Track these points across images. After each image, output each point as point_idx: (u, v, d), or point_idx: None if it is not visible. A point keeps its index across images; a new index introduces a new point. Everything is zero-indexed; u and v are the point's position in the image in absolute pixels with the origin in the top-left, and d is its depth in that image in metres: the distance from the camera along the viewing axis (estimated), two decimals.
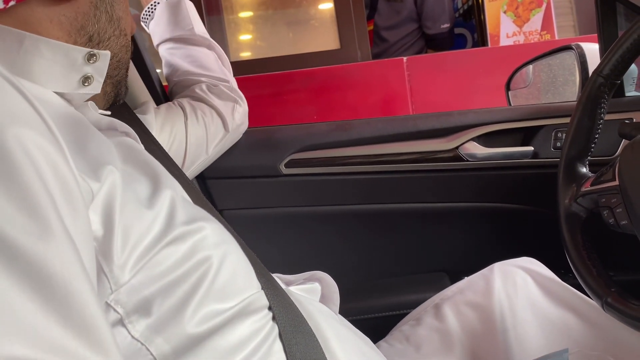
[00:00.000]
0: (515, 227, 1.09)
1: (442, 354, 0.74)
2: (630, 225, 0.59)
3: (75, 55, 0.50)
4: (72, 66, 0.50)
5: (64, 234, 0.29)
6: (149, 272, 0.39)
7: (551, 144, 1.01)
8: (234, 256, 0.46)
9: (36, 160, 0.29)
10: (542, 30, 2.56)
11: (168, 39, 0.99)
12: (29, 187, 0.28)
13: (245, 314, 0.44)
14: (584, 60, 1.13)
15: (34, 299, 0.25)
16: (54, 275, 0.26)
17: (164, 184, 0.45)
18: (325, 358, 0.47)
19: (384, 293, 1.05)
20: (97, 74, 0.52)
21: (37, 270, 0.26)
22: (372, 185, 1.09)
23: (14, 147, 0.28)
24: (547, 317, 0.74)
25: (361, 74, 2.39)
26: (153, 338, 0.38)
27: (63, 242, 0.28)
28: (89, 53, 0.51)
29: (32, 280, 0.25)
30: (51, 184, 0.30)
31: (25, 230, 0.26)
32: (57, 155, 0.32)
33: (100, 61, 0.52)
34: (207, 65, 0.97)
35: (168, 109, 0.88)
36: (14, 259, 0.25)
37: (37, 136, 0.30)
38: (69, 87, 0.50)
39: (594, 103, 0.71)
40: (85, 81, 0.51)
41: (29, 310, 0.24)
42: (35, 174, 0.29)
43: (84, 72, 0.51)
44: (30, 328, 0.24)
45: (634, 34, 0.65)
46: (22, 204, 0.27)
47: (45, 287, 0.26)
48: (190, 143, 0.89)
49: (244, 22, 2.98)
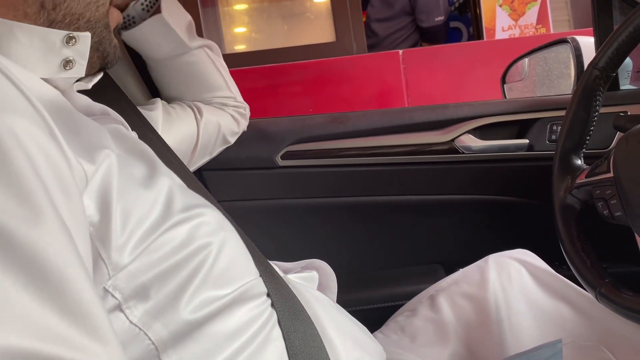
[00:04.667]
0: (510, 219, 1.09)
1: (437, 345, 0.75)
2: (625, 216, 0.60)
3: (53, 39, 0.48)
4: (51, 50, 0.48)
5: (57, 220, 0.28)
6: (147, 257, 0.39)
7: (546, 137, 1.01)
8: (233, 243, 0.46)
9: (27, 147, 0.29)
10: (537, 24, 2.56)
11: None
12: (21, 175, 0.27)
13: (242, 301, 0.44)
14: (579, 53, 1.14)
15: (28, 288, 0.24)
16: (48, 262, 0.26)
17: (161, 171, 0.45)
18: (323, 345, 0.47)
19: (379, 285, 1.06)
20: (79, 57, 0.50)
21: (31, 257, 0.25)
22: (368, 177, 1.09)
23: (4, 135, 0.28)
24: (541, 308, 0.75)
25: (357, 67, 2.38)
26: (151, 323, 0.38)
27: (56, 229, 0.28)
28: (67, 36, 0.49)
29: (26, 268, 0.25)
30: (43, 171, 0.30)
31: (18, 218, 0.26)
32: (48, 142, 0.31)
33: (80, 44, 0.50)
34: (215, 86, 0.94)
35: (182, 109, 0.87)
36: (7, 247, 0.25)
37: (28, 123, 0.30)
38: (50, 71, 0.49)
39: (590, 95, 0.71)
40: (67, 65, 0.49)
41: (24, 299, 0.24)
42: (26, 162, 0.28)
43: (63, 55, 0.49)
44: (25, 317, 0.24)
45: (629, 26, 0.66)
46: (14, 192, 0.26)
47: (40, 275, 0.25)
48: (200, 145, 0.88)
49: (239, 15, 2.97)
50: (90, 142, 0.40)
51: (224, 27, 2.85)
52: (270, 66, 2.41)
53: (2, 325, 0.23)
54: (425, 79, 2.36)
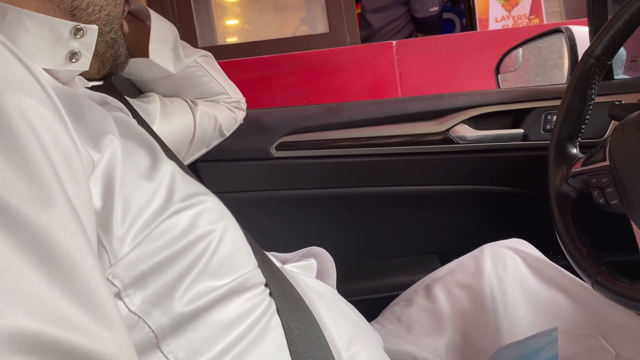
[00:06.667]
0: (505, 208, 1.10)
1: (433, 334, 0.75)
2: (621, 204, 0.60)
3: (61, 30, 0.48)
4: (58, 41, 0.48)
5: (67, 204, 0.28)
6: (148, 246, 0.38)
7: (541, 127, 1.02)
8: (233, 232, 0.46)
9: (37, 128, 0.28)
10: (530, 15, 2.56)
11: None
12: (31, 156, 0.27)
13: (240, 291, 0.43)
14: (573, 43, 1.14)
15: (38, 270, 0.24)
16: (58, 245, 0.25)
17: (163, 158, 0.44)
18: (323, 334, 0.47)
19: (375, 275, 1.06)
20: (85, 50, 0.50)
21: (42, 240, 0.25)
22: (363, 167, 1.09)
23: (15, 114, 0.27)
24: (536, 297, 0.75)
25: (350, 58, 2.37)
26: (150, 311, 0.38)
27: (66, 213, 0.27)
28: (75, 27, 0.49)
29: (36, 250, 0.24)
30: (53, 153, 0.29)
31: (29, 199, 0.25)
32: (58, 124, 0.31)
33: (87, 36, 0.50)
34: (211, 93, 0.93)
35: (178, 102, 0.86)
36: (18, 228, 0.24)
37: (38, 104, 0.29)
38: (56, 63, 0.48)
39: (585, 84, 0.71)
40: (73, 57, 0.49)
41: (33, 281, 0.24)
42: (36, 143, 0.27)
43: (70, 47, 0.49)
44: (35, 299, 0.23)
45: (625, 14, 0.65)
46: (24, 173, 0.26)
47: (50, 258, 0.25)
48: (197, 137, 0.87)
49: (232, 6, 2.95)
50: (95, 127, 0.39)
51: (216, 19, 2.83)
52: (263, 57, 2.40)
53: (11, 305, 0.22)
54: (419, 70, 2.36)
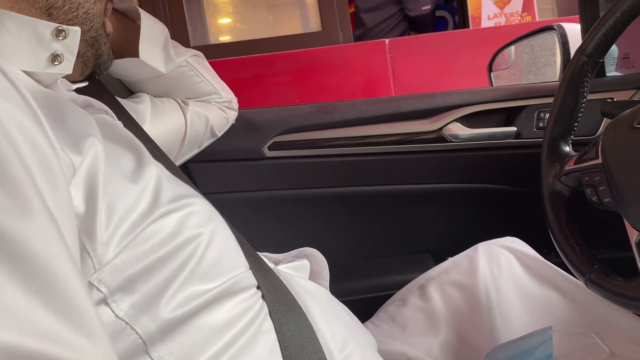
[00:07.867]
0: (499, 207, 1.10)
1: (427, 334, 0.75)
2: (613, 202, 0.60)
3: (43, 31, 0.47)
4: (40, 43, 0.47)
5: (44, 211, 0.27)
6: (134, 250, 0.37)
7: (534, 124, 1.01)
8: (222, 234, 0.45)
9: (10, 132, 0.28)
10: (523, 12, 2.57)
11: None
12: (4, 162, 0.26)
13: (231, 294, 0.43)
14: (565, 40, 1.14)
15: (13, 280, 0.23)
16: (35, 254, 0.25)
17: (149, 160, 0.44)
18: (316, 336, 0.46)
19: (369, 274, 1.05)
20: (67, 52, 0.49)
21: (17, 249, 0.24)
22: (356, 167, 1.08)
23: None
24: (530, 296, 0.75)
25: (343, 57, 2.37)
26: (138, 317, 0.37)
27: (43, 220, 0.27)
28: (56, 28, 0.48)
29: (12, 260, 0.24)
30: (28, 158, 0.28)
31: (3, 208, 0.25)
32: (34, 128, 0.30)
33: (69, 38, 0.49)
34: (202, 92, 0.92)
35: (169, 101, 0.85)
36: None
37: (11, 107, 0.29)
38: (37, 65, 0.47)
39: (577, 81, 0.71)
40: (55, 59, 0.48)
41: (9, 292, 0.23)
42: (10, 148, 0.27)
43: (52, 49, 0.48)
44: (10, 311, 0.23)
45: (616, 11, 0.65)
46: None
47: (26, 268, 0.24)
48: (189, 137, 0.86)
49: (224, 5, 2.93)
50: (76, 130, 0.38)
51: (208, 18, 2.82)
52: (256, 56, 2.39)
53: None
54: (412, 68, 2.36)
